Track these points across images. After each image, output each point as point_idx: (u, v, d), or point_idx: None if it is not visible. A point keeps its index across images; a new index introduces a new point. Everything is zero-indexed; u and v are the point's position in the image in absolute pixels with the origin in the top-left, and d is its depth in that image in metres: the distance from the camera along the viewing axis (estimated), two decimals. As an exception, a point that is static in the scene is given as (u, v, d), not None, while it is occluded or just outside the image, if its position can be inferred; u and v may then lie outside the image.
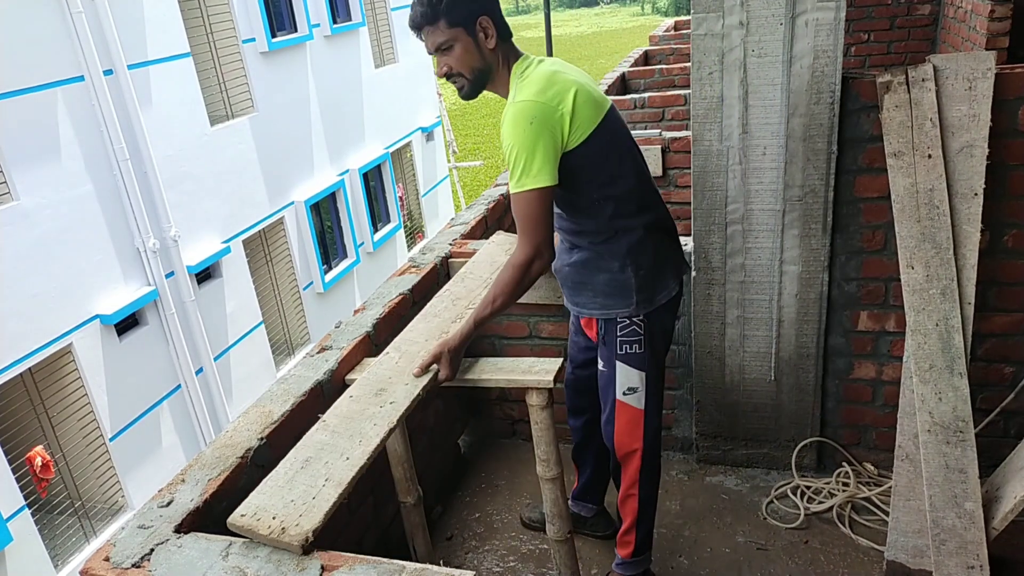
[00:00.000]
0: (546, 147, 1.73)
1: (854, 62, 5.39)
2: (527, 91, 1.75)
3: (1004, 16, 3.99)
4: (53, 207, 5.98)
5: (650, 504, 2.15)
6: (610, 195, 1.86)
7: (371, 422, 1.68)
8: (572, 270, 1.99)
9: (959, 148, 2.00)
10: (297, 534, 1.37)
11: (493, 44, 1.81)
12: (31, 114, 5.81)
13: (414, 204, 12.25)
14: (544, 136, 1.72)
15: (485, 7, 1.78)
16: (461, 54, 1.79)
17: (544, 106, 1.73)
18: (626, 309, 1.93)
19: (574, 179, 1.82)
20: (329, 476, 1.51)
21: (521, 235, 1.80)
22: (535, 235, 1.78)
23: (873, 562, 2.27)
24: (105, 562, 1.40)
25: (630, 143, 1.94)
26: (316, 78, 9.19)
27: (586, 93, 1.79)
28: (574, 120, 1.75)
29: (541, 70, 1.80)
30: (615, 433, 2.06)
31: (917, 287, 2.04)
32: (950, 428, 2.00)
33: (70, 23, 6.08)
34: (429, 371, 1.88)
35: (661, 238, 1.95)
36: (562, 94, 1.75)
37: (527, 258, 1.79)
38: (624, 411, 2.02)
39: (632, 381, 1.98)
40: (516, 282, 1.82)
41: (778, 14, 2.15)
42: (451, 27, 1.77)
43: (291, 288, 9.11)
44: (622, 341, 1.96)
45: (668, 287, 1.96)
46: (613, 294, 1.93)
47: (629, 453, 2.07)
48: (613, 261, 1.90)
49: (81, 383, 6.25)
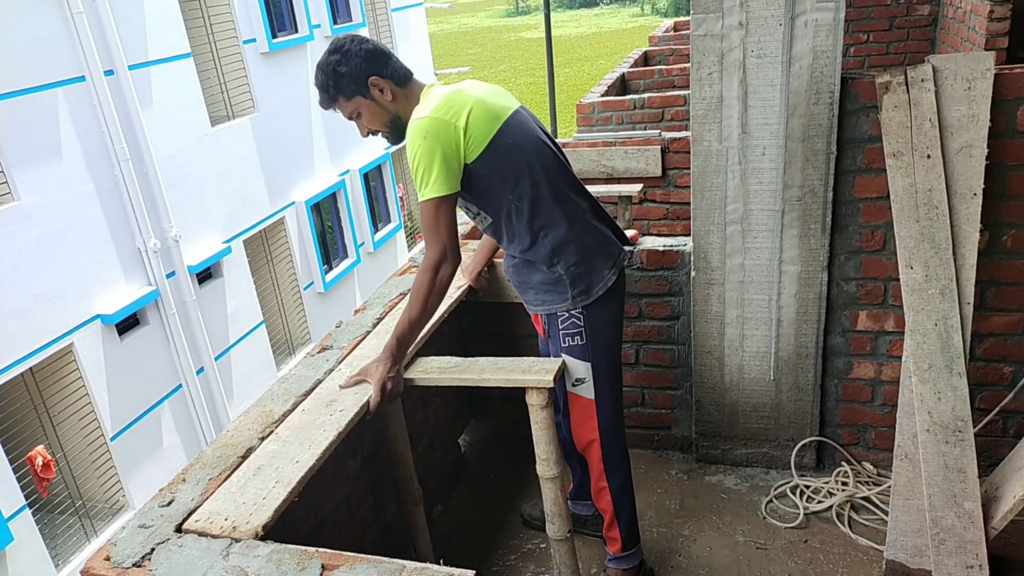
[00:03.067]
0: (443, 158, 1.82)
1: (853, 63, 5.40)
2: (423, 109, 1.87)
3: (1003, 16, 3.99)
4: (54, 207, 5.99)
5: (624, 493, 2.16)
6: (521, 200, 1.92)
7: (321, 429, 1.74)
8: (513, 271, 2.07)
9: (958, 148, 2.01)
10: (247, 530, 1.42)
11: (391, 96, 1.94)
12: (32, 114, 5.82)
13: (415, 204, 12.25)
14: (439, 148, 1.82)
15: (370, 69, 1.91)
16: (369, 116, 1.96)
17: (438, 121, 1.83)
18: (563, 304, 1.98)
19: (482, 190, 1.91)
20: (279, 479, 1.57)
21: (426, 242, 1.88)
22: (438, 241, 1.87)
23: (872, 561, 2.28)
24: (106, 561, 1.41)
25: (538, 142, 1.97)
26: (317, 78, 9.19)
27: (482, 107, 1.88)
28: (468, 134, 1.84)
29: (441, 91, 1.91)
30: (571, 425, 2.11)
31: (916, 287, 2.04)
32: (949, 428, 2.00)
33: (71, 23, 6.09)
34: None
35: (586, 229, 1.99)
36: (457, 111, 1.85)
37: (433, 263, 1.87)
38: (576, 402, 2.07)
39: (579, 372, 2.03)
40: (426, 288, 1.88)
41: (777, 15, 2.16)
42: (349, 100, 1.94)
43: (292, 288, 9.12)
44: (564, 334, 2.01)
45: (604, 278, 1.99)
46: (549, 291, 1.99)
47: (587, 445, 2.11)
48: (543, 264, 1.97)
49: (82, 383, 6.26)
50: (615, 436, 2.11)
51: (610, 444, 2.10)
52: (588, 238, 1.98)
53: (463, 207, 2.01)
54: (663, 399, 2.76)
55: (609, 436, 2.09)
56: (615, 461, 2.13)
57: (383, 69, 1.92)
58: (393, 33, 11.14)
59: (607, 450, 2.10)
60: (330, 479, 2.01)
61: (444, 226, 1.86)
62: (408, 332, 1.91)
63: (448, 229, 1.87)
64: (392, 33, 11.14)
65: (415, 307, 1.90)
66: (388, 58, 1.95)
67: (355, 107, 1.94)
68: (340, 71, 1.90)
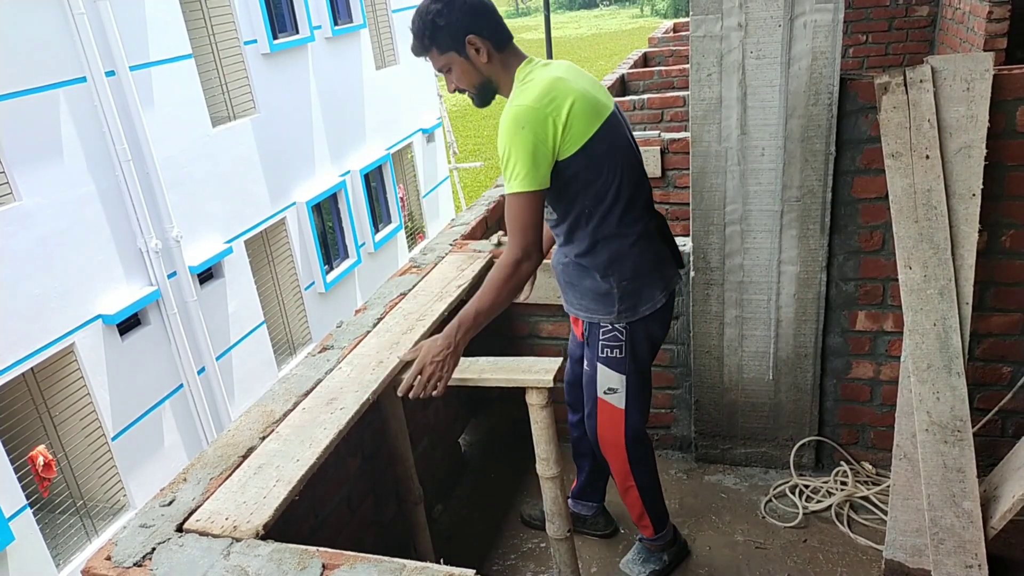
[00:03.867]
0: (537, 152, 1.74)
1: (852, 63, 5.40)
2: (524, 96, 1.76)
3: (1002, 17, 3.99)
4: (55, 207, 5.99)
5: (652, 487, 2.20)
6: (597, 207, 1.86)
7: (322, 428, 1.74)
8: (563, 269, 2.03)
9: (957, 149, 2.01)
10: (248, 529, 1.42)
11: (486, 58, 1.83)
12: (33, 115, 5.82)
13: (415, 205, 12.26)
14: (536, 142, 1.73)
15: (471, 27, 1.80)
16: (460, 74, 1.85)
17: (538, 112, 1.74)
18: (608, 316, 1.95)
19: (560, 189, 1.84)
20: (280, 477, 1.57)
21: (510, 237, 1.81)
22: (523, 238, 1.79)
23: (872, 561, 2.28)
24: (107, 561, 1.41)
25: (628, 151, 1.92)
26: (317, 79, 9.20)
27: (585, 102, 1.79)
28: (568, 131, 1.76)
29: (543, 75, 1.80)
30: (597, 428, 2.11)
31: (915, 287, 2.05)
32: (948, 427, 2.01)
33: (72, 24, 6.09)
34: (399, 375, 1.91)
35: (648, 248, 1.94)
36: (559, 103, 1.75)
37: (515, 259, 1.79)
38: (605, 409, 2.07)
39: (612, 382, 2.02)
40: (502, 282, 1.80)
41: (776, 16, 2.16)
42: (443, 53, 1.83)
43: (293, 288, 9.12)
44: (603, 345, 1.99)
45: (653, 298, 1.95)
46: (596, 300, 1.96)
47: (611, 447, 2.11)
48: (595, 272, 1.92)
49: (83, 383, 6.26)
50: (641, 440, 2.12)
51: (635, 448, 2.10)
52: (646, 256, 1.93)
53: None
54: (662, 399, 2.77)
55: (634, 441, 2.09)
56: (641, 462, 2.14)
57: (484, 28, 1.80)
58: (394, 34, 11.15)
59: (631, 453, 2.10)
60: (331, 479, 2.02)
61: (531, 223, 1.78)
62: (472, 321, 1.81)
63: (535, 227, 1.78)
64: (393, 34, 11.14)
65: (487, 298, 1.81)
66: (491, 17, 1.83)
67: (447, 62, 1.84)
68: (439, 23, 1.78)
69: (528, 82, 1.80)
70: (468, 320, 1.81)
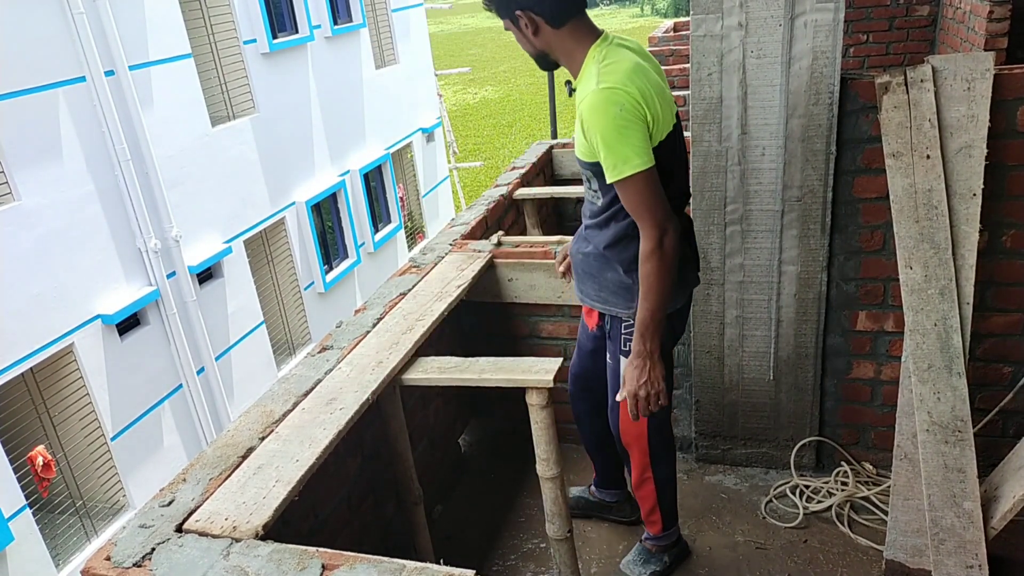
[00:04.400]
0: (639, 131, 1.68)
1: (853, 63, 5.40)
2: (612, 78, 1.69)
3: (1003, 17, 3.99)
4: (55, 207, 5.99)
5: (669, 482, 2.20)
6: None
7: (321, 428, 1.74)
8: (583, 259, 2.01)
9: (958, 149, 2.01)
10: (248, 530, 1.42)
11: (536, 33, 1.79)
12: (33, 114, 5.82)
13: (415, 204, 12.25)
14: (637, 120, 1.68)
15: (521, 2, 1.76)
16: (517, 39, 1.88)
17: (631, 97, 1.67)
18: (628, 311, 1.94)
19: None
20: (279, 478, 1.57)
21: (642, 220, 1.74)
22: (655, 215, 1.71)
23: (872, 561, 2.28)
24: (106, 561, 1.41)
25: (683, 152, 1.91)
26: (317, 79, 9.19)
27: (663, 98, 1.76)
28: (655, 122, 1.72)
29: (626, 59, 1.74)
30: (620, 421, 2.11)
31: (916, 287, 2.04)
32: (948, 428, 2.01)
33: (71, 24, 6.09)
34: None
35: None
36: (647, 94, 1.70)
37: (656, 241, 1.72)
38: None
39: None
40: (656, 271, 1.74)
41: (777, 15, 2.16)
42: (501, 18, 1.86)
43: (292, 288, 9.12)
44: (626, 339, 1.98)
45: (673, 300, 1.90)
46: (617, 293, 1.94)
47: (633, 440, 2.11)
48: (619, 266, 1.91)
49: (83, 383, 6.26)
50: (662, 433, 2.13)
51: (656, 440, 2.12)
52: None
53: (585, 173, 1.89)
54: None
55: (656, 434, 2.11)
56: (661, 456, 2.15)
57: (536, 5, 1.75)
58: (393, 33, 11.14)
59: (654, 446, 2.12)
60: (330, 479, 2.01)
61: (658, 198, 1.70)
62: (652, 323, 1.78)
63: (662, 201, 1.71)
64: (392, 33, 11.14)
65: (653, 296, 1.75)
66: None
67: (506, 27, 1.86)
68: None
69: (611, 63, 1.72)
70: (648, 325, 1.79)
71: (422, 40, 12.03)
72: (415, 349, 2.08)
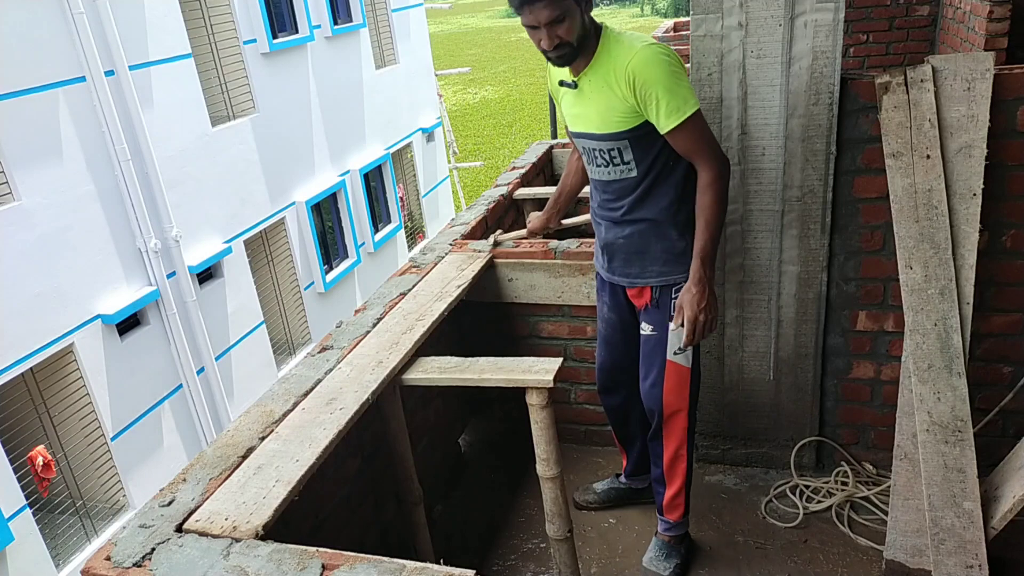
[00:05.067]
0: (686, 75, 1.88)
1: (853, 63, 5.39)
2: (646, 39, 1.87)
3: (1003, 17, 3.98)
4: (55, 207, 5.99)
5: (692, 464, 2.26)
6: (680, 162, 1.97)
7: (321, 428, 1.74)
8: (627, 242, 2.07)
9: (958, 149, 2.01)
10: (248, 530, 1.42)
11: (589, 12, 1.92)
12: (33, 114, 5.81)
13: (415, 204, 12.25)
14: (681, 67, 1.86)
15: None
16: (570, 25, 1.86)
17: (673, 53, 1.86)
18: (682, 275, 2.01)
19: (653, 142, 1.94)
20: (279, 478, 1.57)
21: (704, 155, 1.90)
22: (715, 148, 1.92)
23: (872, 561, 2.28)
24: (106, 561, 1.41)
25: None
26: (317, 79, 9.19)
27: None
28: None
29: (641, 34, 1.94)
30: (663, 393, 2.13)
31: (916, 287, 2.04)
32: (948, 428, 2.01)
33: (71, 24, 6.08)
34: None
35: None
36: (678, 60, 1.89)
37: (719, 170, 1.91)
38: (674, 371, 2.10)
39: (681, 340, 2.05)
40: (720, 200, 1.91)
41: (777, 15, 2.16)
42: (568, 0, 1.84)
43: (292, 288, 9.12)
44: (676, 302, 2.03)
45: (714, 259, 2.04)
46: (670, 261, 2.03)
47: (675, 412, 2.14)
48: (673, 230, 2.01)
49: (83, 383, 6.26)
50: (697, 405, 2.19)
51: (693, 413, 2.17)
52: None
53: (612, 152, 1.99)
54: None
55: (694, 405, 2.16)
56: (695, 429, 2.21)
57: None
58: (393, 33, 11.14)
59: (692, 420, 2.17)
60: (330, 479, 2.01)
61: (712, 134, 1.93)
62: (712, 251, 1.94)
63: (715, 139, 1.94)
64: (392, 33, 11.14)
65: (715, 223, 1.92)
66: None
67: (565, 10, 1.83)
68: None
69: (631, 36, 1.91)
70: (708, 252, 1.93)
71: (422, 40, 12.03)
72: (415, 349, 2.08)
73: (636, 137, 1.93)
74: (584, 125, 2.02)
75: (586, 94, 1.98)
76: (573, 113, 2.05)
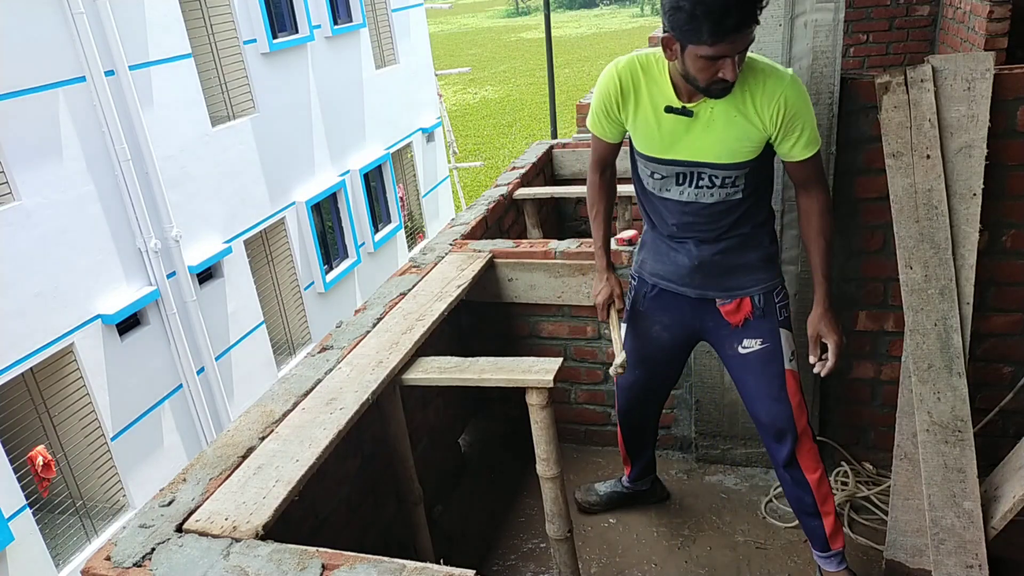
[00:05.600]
0: None
1: (853, 63, 5.39)
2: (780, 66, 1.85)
3: (1003, 17, 3.98)
4: (55, 207, 5.99)
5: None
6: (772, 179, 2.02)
7: (321, 428, 1.74)
8: (723, 257, 1.98)
9: (958, 148, 2.01)
10: (248, 530, 1.42)
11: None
12: (33, 114, 5.82)
13: (415, 204, 12.26)
14: None
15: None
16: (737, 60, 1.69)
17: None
18: (776, 279, 2.04)
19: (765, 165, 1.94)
20: (279, 478, 1.57)
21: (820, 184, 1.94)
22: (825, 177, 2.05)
23: (872, 561, 2.28)
24: (106, 561, 1.41)
25: None
26: (317, 79, 9.20)
27: None
28: None
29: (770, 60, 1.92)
30: (793, 408, 2.00)
31: (916, 287, 2.04)
32: (948, 428, 2.01)
33: (71, 24, 6.09)
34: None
35: None
36: None
37: (830, 196, 1.99)
38: (793, 379, 2.02)
39: (791, 344, 2.05)
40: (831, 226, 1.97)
41: (777, 15, 2.16)
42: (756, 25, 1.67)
43: (292, 288, 9.12)
44: (780, 306, 2.03)
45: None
46: (767, 267, 2.02)
47: (806, 427, 2.03)
48: (765, 237, 2.02)
49: (83, 383, 6.26)
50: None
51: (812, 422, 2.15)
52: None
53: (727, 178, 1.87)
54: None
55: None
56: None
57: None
58: (393, 33, 11.15)
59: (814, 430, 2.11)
60: (330, 479, 2.01)
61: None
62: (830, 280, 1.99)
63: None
64: (392, 33, 11.14)
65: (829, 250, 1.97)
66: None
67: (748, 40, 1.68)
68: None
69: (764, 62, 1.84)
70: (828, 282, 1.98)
71: (422, 40, 12.04)
72: (415, 349, 2.08)
73: (756, 165, 1.88)
74: (696, 154, 1.85)
75: (704, 122, 1.81)
76: (675, 141, 1.86)
